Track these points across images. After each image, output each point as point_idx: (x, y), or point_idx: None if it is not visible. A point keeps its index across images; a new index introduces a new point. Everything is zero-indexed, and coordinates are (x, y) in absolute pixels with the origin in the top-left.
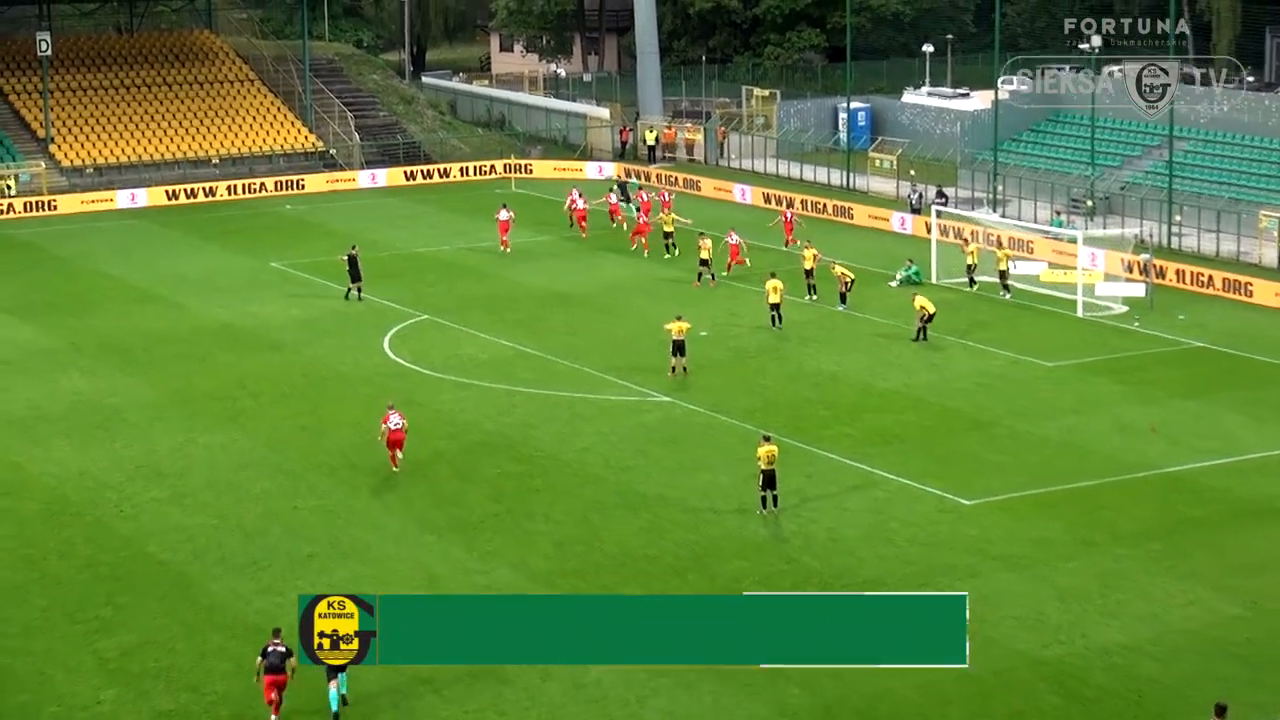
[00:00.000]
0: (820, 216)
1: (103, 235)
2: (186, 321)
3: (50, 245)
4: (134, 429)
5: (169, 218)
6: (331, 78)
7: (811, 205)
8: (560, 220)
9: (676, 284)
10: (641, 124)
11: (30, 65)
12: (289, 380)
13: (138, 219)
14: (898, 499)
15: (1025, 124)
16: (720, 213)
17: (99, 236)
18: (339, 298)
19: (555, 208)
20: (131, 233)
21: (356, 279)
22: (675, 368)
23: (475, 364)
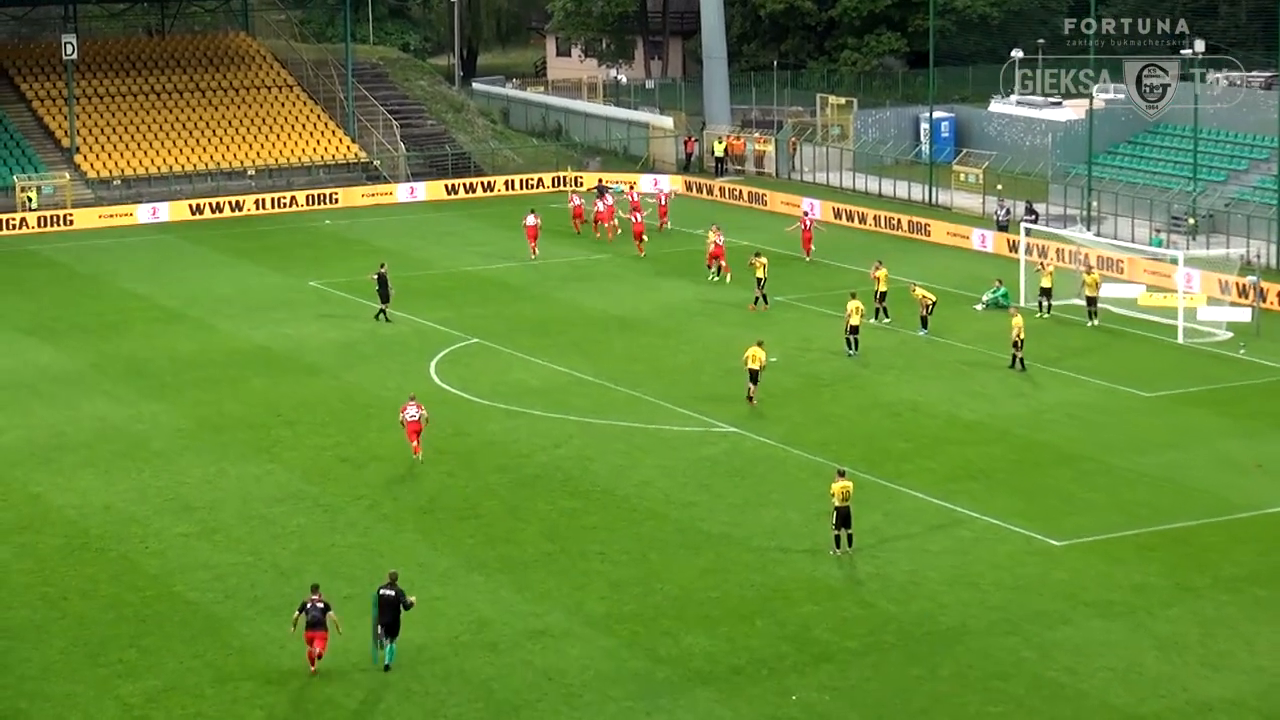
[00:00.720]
0: (897, 234)
1: (129, 251)
2: (218, 343)
3: (74, 262)
4: (161, 458)
5: (200, 233)
6: (375, 84)
7: (890, 222)
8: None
9: (741, 308)
10: (708, 134)
11: (55, 70)
12: (327, 407)
13: (166, 234)
14: (982, 539)
15: (1123, 135)
16: (782, 230)
17: (125, 253)
18: (380, 319)
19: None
20: (160, 249)
21: (386, 299)
22: (754, 395)
23: (527, 391)
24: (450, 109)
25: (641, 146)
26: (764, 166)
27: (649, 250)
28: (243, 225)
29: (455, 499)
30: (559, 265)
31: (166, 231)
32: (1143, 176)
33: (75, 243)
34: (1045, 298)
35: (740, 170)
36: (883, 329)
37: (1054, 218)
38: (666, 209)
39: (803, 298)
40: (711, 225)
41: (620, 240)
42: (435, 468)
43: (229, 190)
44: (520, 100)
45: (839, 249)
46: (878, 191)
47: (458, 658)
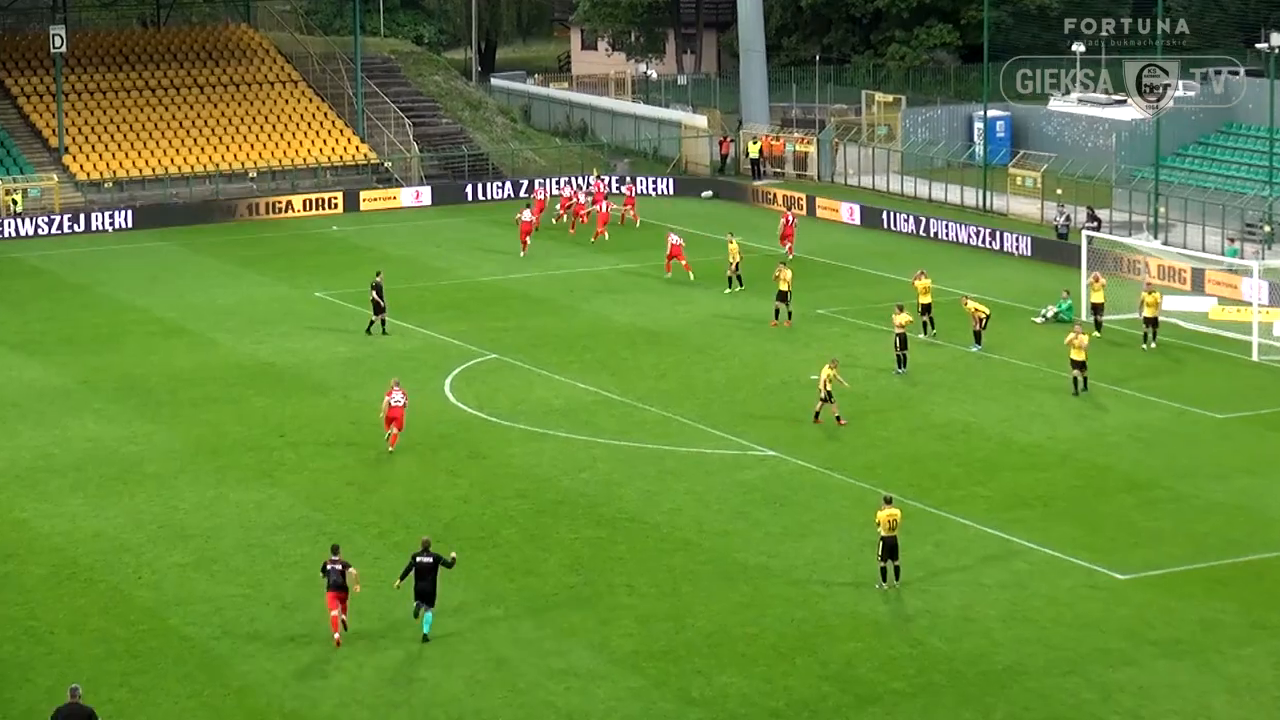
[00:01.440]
0: (949, 242)
1: (122, 259)
2: (218, 359)
3: (62, 270)
4: (156, 482)
5: (199, 239)
6: (387, 79)
7: (941, 230)
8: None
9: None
10: (744, 134)
11: (43, 64)
12: (334, 428)
13: (163, 240)
14: (1040, 572)
15: (1192, 136)
16: (822, 238)
17: (118, 260)
18: (392, 332)
19: (644, 233)
20: (155, 256)
21: (379, 310)
22: (820, 412)
23: (549, 411)
24: (467, 106)
25: (673, 147)
26: (806, 169)
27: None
28: (244, 231)
29: (471, 527)
30: (584, 276)
31: (162, 238)
32: (1214, 180)
33: (64, 250)
34: (1096, 314)
35: (779, 173)
36: (933, 345)
37: (1118, 225)
38: (634, 200)
39: (845, 310)
40: (729, 235)
41: (643, 246)
42: (450, 493)
43: (229, 194)
44: (543, 97)
45: (886, 258)
46: (927, 196)
47: (473, 698)
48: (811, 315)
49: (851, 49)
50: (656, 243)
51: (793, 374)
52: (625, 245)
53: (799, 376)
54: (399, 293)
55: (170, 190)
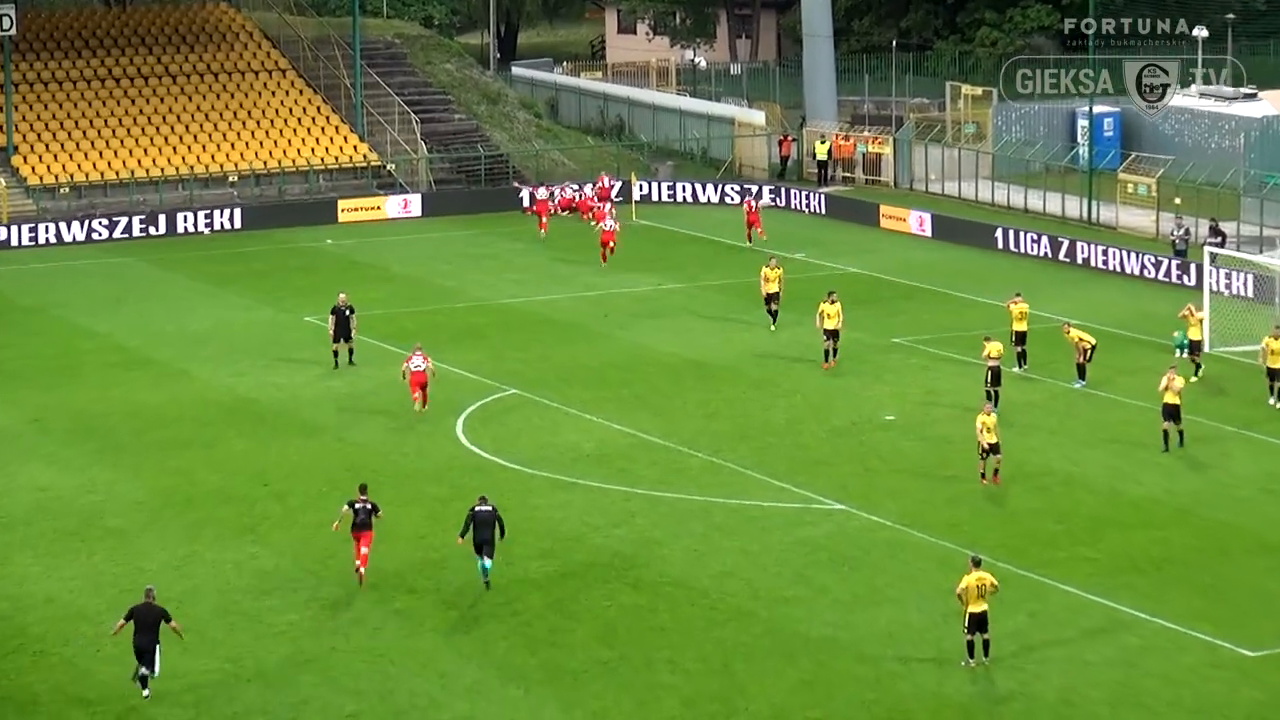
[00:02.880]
0: (1047, 260)
1: (80, 277)
2: (190, 394)
3: (9, 290)
4: (118, 539)
5: (169, 254)
6: (391, 67)
7: (1038, 245)
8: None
9: (852, 352)
10: (809, 132)
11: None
12: (327, 475)
13: (126, 255)
14: (1154, 648)
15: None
16: (891, 253)
17: (75, 279)
18: (396, 365)
19: (686, 248)
20: (118, 274)
21: (342, 336)
22: (986, 472)
23: (579, 456)
24: (484, 100)
25: (725, 148)
26: (880, 174)
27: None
28: (223, 245)
29: (487, 592)
30: (620, 297)
31: (126, 252)
32: None
33: (11, 266)
34: (1192, 354)
35: (849, 178)
36: (1029, 380)
37: (1246, 240)
38: (609, 194)
39: (924, 339)
40: (770, 259)
41: (684, 256)
42: (462, 552)
43: (206, 202)
44: (572, 89)
45: (971, 277)
46: (1023, 205)
47: None
48: (885, 344)
49: (934, 33)
50: (701, 260)
51: (864, 413)
52: (670, 261)
53: (871, 416)
54: (403, 318)
55: (137, 197)
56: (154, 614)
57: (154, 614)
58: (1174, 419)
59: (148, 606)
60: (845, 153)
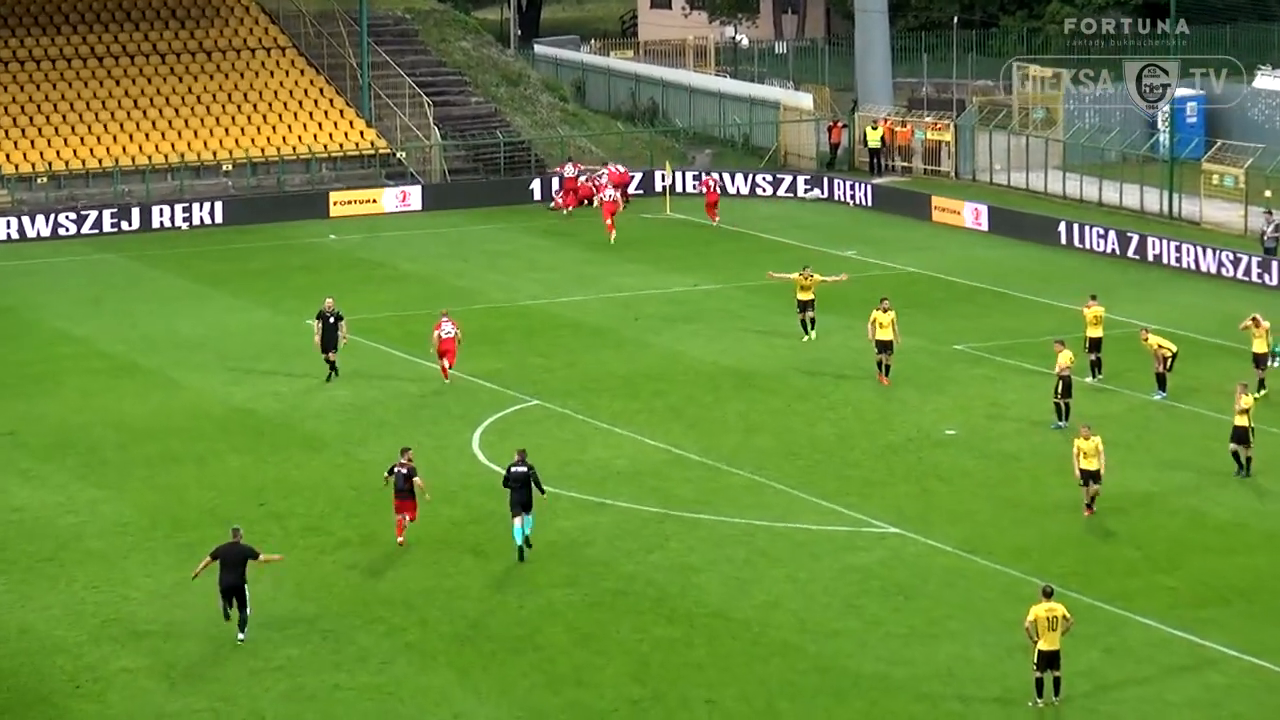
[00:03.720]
0: (1124, 258)
1: (60, 277)
2: (181, 405)
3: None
4: (101, 564)
5: (157, 251)
6: (401, 45)
7: (1114, 241)
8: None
9: (908, 358)
10: (861, 117)
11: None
12: (331, 494)
13: (111, 252)
14: (1242, 687)
15: None
16: (948, 249)
17: (55, 278)
18: (407, 373)
19: (730, 243)
20: (102, 273)
21: (330, 346)
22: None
23: (608, 474)
24: (504, 81)
25: (769, 135)
26: (939, 164)
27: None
28: (216, 241)
29: (507, 624)
30: (653, 298)
31: (110, 248)
32: None
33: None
34: (1257, 368)
35: (906, 168)
36: (1103, 390)
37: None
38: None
39: (989, 345)
40: (804, 267)
41: (732, 253)
42: (478, 580)
43: (197, 193)
44: (601, 69)
45: (1040, 277)
46: (1096, 199)
47: None
48: (946, 352)
49: (999, 8)
50: (742, 258)
51: (921, 427)
52: (707, 259)
53: (930, 431)
54: (413, 321)
55: (122, 187)
56: (240, 553)
57: (240, 553)
58: (1243, 442)
59: (233, 546)
60: (901, 140)
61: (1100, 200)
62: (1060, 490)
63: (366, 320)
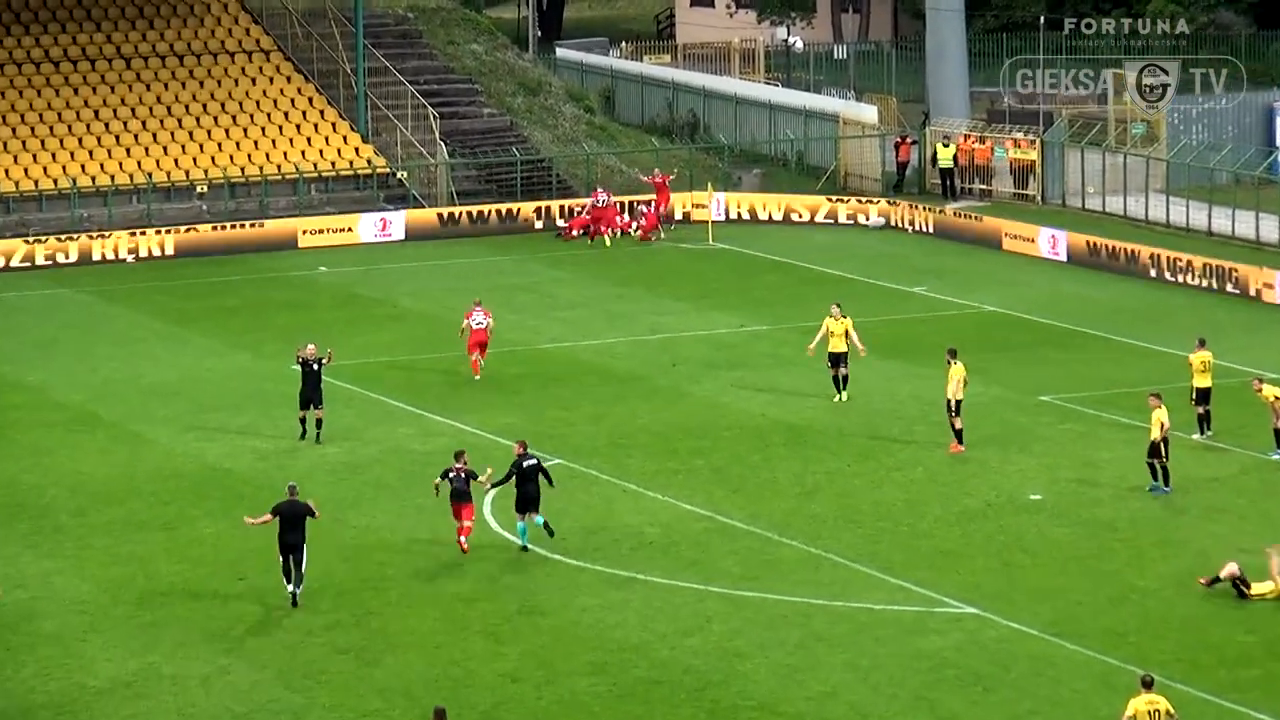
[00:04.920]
0: (1236, 296)
1: (9, 313)
2: (146, 463)
3: None
4: (54, 647)
5: (121, 285)
6: (403, 49)
7: (1225, 276)
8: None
9: (987, 412)
10: (934, 132)
11: None
12: (321, 567)
13: (68, 285)
14: None
15: None
16: (1031, 285)
17: (2, 315)
18: (409, 427)
19: (779, 277)
20: (58, 310)
21: (311, 402)
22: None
23: (640, 544)
24: (521, 90)
25: (827, 152)
26: (1026, 186)
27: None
28: (189, 273)
29: (523, 716)
30: (692, 341)
31: (66, 281)
32: None
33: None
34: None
35: (986, 190)
36: (1213, 449)
37: None
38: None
39: (1079, 396)
40: (835, 304)
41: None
42: (490, 665)
43: (168, 218)
44: (632, 76)
45: (1139, 317)
46: (1205, 228)
47: None
48: (1030, 404)
49: (1092, 6)
50: (798, 291)
51: (1002, 491)
52: (755, 296)
53: (1012, 495)
54: (415, 366)
55: (80, 212)
56: (298, 510)
57: (298, 510)
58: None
59: (291, 504)
60: (980, 158)
61: (1209, 229)
62: (1163, 564)
63: (361, 366)
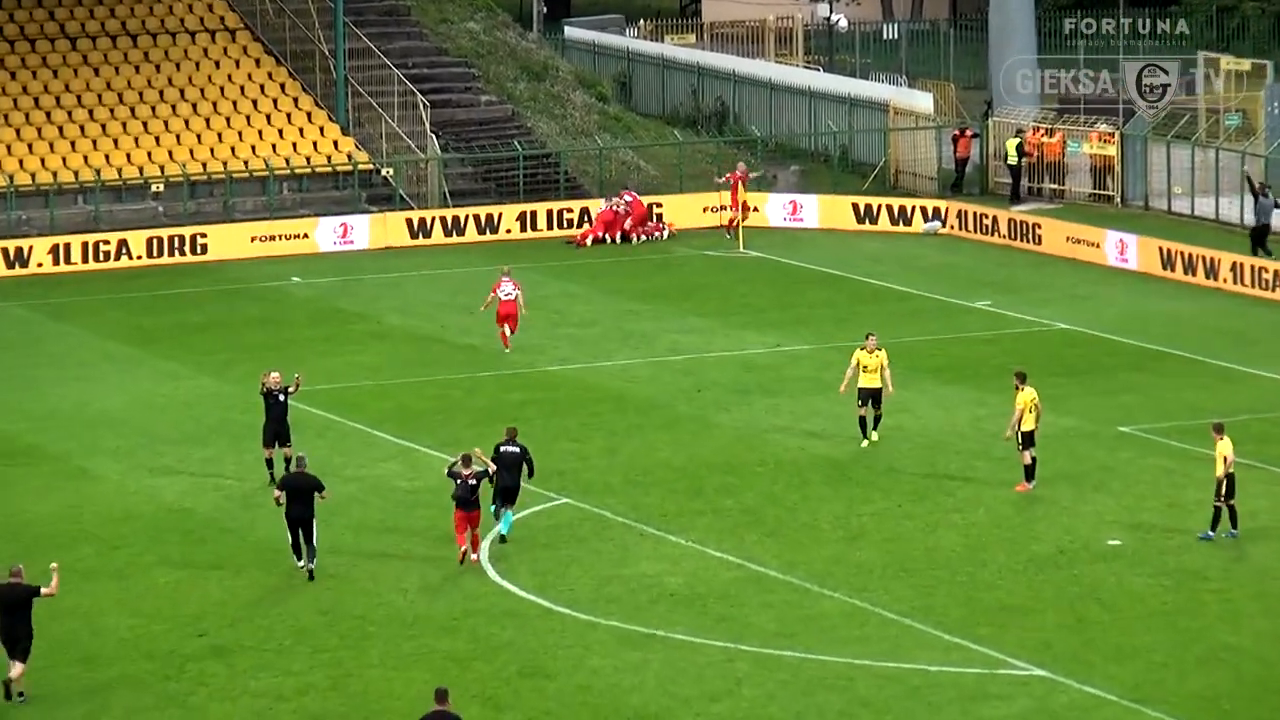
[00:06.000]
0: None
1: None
2: (96, 502)
3: None
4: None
5: (66, 297)
6: (389, 28)
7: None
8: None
9: (1066, 443)
10: (998, 123)
11: None
12: (292, 623)
13: (8, 299)
14: None
15: None
16: (1108, 300)
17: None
18: (396, 461)
19: (821, 291)
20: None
21: (277, 438)
22: None
23: (659, 595)
24: (524, 75)
25: (874, 147)
26: (1106, 186)
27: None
28: (144, 284)
29: None
30: (719, 362)
31: (6, 294)
32: None
33: None
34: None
35: (1058, 191)
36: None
37: None
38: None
39: (1166, 428)
40: (869, 335)
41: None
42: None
43: (119, 221)
44: (651, 59)
45: (1238, 338)
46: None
47: None
48: (1109, 435)
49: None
50: (843, 307)
51: (1076, 536)
52: (793, 311)
53: (1088, 541)
54: (402, 392)
55: (18, 214)
56: (307, 483)
57: (307, 483)
58: None
59: (299, 475)
60: (1051, 153)
61: None
62: (1260, 619)
63: (340, 391)
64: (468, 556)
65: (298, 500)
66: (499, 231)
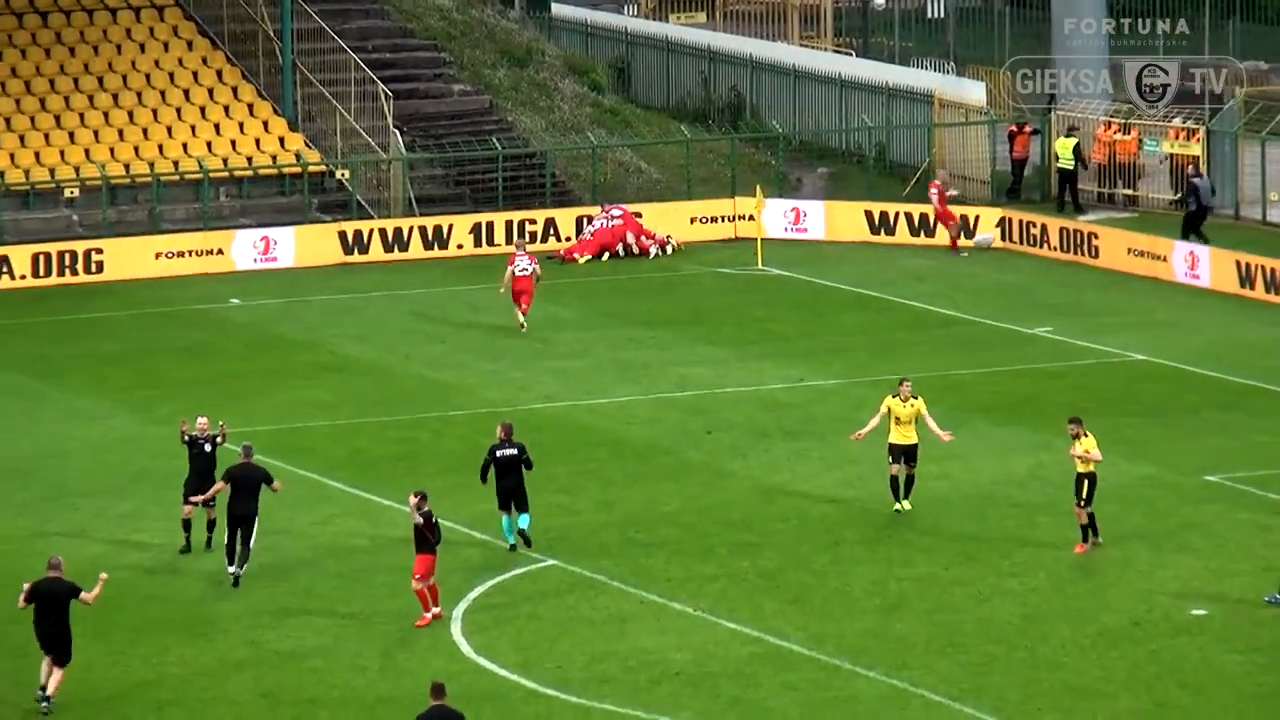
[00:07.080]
0: None
1: None
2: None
3: None
4: None
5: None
6: (345, 5)
7: None
8: None
9: (1143, 494)
10: (1061, 118)
11: None
12: (230, 708)
13: None
14: None
15: None
16: (1190, 326)
17: None
18: (352, 515)
19: (852, 315)
20: None
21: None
22: None
23: (664, 674)
24: (504, 60)
25: (918, 145)
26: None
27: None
28: (52, 307)
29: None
30: (731, 399)
31: None
32: None
33: None
34: None
35: (1130, 198)
36: None
37: None
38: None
39: (1260, 476)
40: (903, 381)
41: None
42: None
43: (25, 231)
44: (655, 41)
45: None
46: None
47: None
48: (1193, 485)
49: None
50: (877, 334)
51: (1155, 605)
52: (820, 339)
53: (1168, 610)
54: (359, 434)
55: None
56: (253, 476)
57: (253, 476)
58: None
59: (245, 467)
60: (1124, 153)
61: None
62: None
63: (286, 433)
64: (432, 611)
65: (241, 495)
66: (479, 244)
